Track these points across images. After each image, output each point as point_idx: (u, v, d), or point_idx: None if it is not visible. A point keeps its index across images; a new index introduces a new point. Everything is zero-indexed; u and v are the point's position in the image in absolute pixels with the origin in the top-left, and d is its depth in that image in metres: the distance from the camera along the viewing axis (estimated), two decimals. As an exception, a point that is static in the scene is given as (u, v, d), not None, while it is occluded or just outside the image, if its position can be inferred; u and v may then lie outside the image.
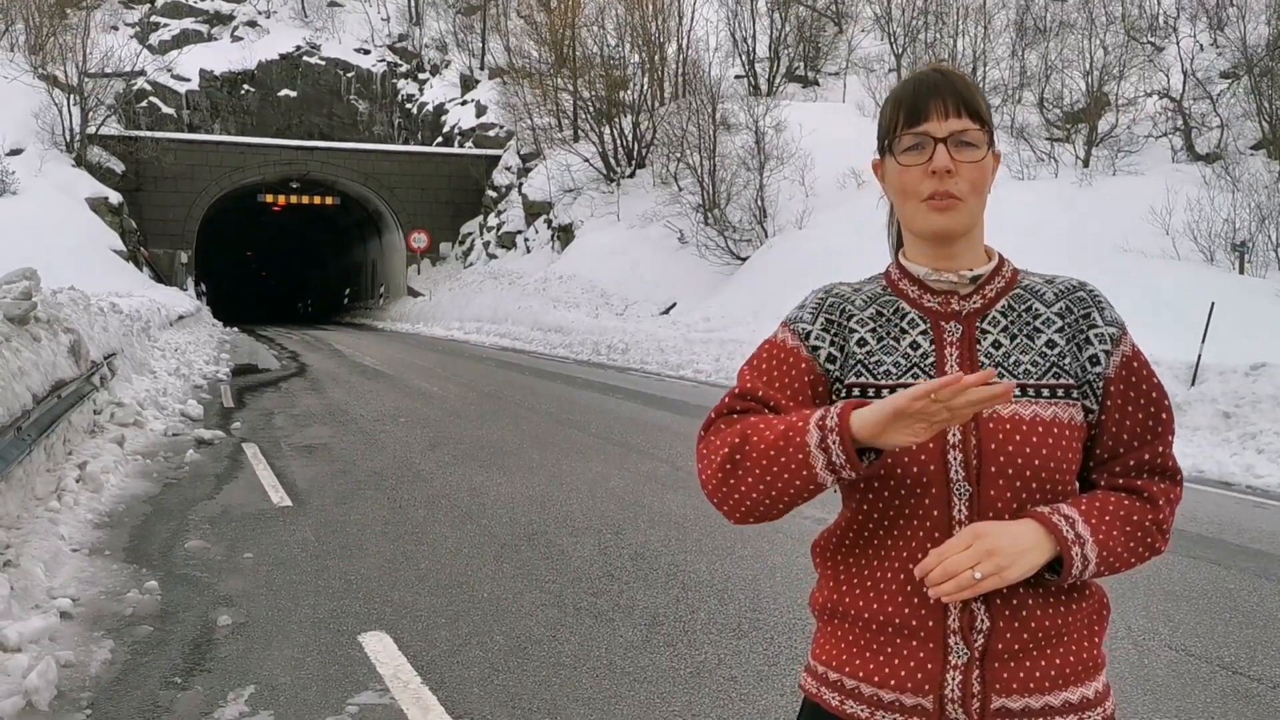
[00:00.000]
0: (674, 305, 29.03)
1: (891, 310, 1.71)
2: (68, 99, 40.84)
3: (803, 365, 1.71)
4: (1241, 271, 18.71)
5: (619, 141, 40.23)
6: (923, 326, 1.69)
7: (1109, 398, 1.66)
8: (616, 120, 40.28)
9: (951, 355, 1.66)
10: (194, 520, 7.72)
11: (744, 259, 28.61)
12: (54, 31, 44.24)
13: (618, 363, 22.70)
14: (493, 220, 46.52)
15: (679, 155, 33.76)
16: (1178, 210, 19.72)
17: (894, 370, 1.67)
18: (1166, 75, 27.58)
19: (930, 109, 1.64)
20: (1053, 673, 1.61)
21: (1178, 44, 28.48)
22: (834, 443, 1.53)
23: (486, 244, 46.29)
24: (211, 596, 5.85)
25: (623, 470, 9.49)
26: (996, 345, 1.66)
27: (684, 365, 20.44)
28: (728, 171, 31.21)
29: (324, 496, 8.56)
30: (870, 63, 38.57)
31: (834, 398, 1.70)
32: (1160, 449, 1.69)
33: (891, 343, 1.69)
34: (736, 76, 40.47)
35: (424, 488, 8.86)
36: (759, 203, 29.59)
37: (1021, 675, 1.60)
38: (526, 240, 42.72)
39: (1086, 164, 25.86)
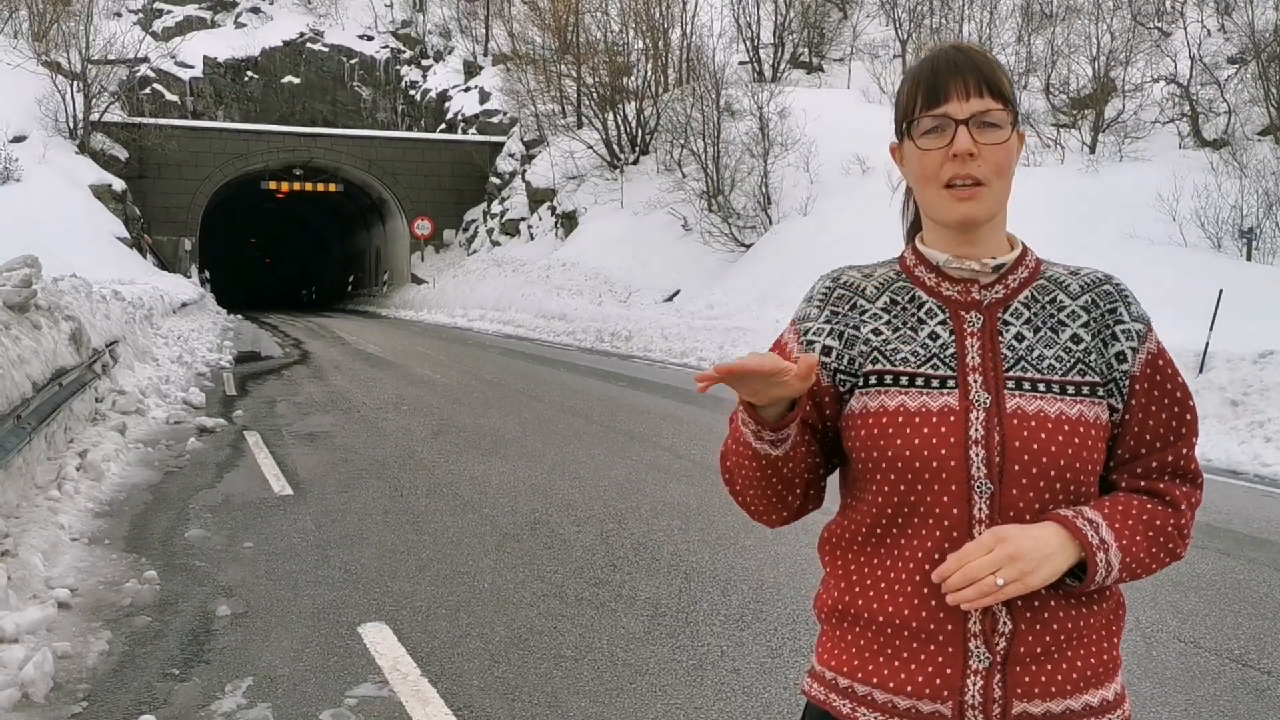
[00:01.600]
0: (678, 292, 28.96)
1: (907, 298, 1.64)
2: (71, 86, 40.75)
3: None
4: (1249, 258, 18.61)
5: (623, 128, 40.10)
6: (941, 316, 1.62)
7: (1134, 397, 1.60)
8: (620, 106, 40.15)
9: (972, 346, 1.59)
10: (194, 509, 7.69)
11: (748, 246, 28.53)
12: (57, 18, 44.10)
13: (621, 350, 22.65)
14: (496, 207, 46.43)
15: (683, 142, 33.65)
16: (1185, 197, 19.60)
17: (912, 359, 1.60)
18: (1173, 60, 27.43)
19: (950, 89, 1.57)
20: (1074, 675, 1.56)
21: (1185, 29, 28.32)
22: (739, 412, 1.59)
23: (490, 231, 46.21)
24: (211, 586, 5.81)
25: (625, 459, 9.44)
26: (1019, 338, 1.59)
27: (687, 353, 20.37)
28: (732, 158, 31.10)
29: (325, 485, 8.52)
30: (875, 48, 38.43)
31: (839, 388, 1.64)
32: (1184, 450, 1.62)
33: (909, 332, 1.62)
34: (741, 62, 40.29)
35: (426, 476, 8.82)
36: (763, 189, 29.50)
37: (1043, 679, 1.54)
38: (530, 227, 42.64)
39: (1093, 150, 25.74)
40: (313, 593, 5.68)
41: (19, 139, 37.69)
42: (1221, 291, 12.36)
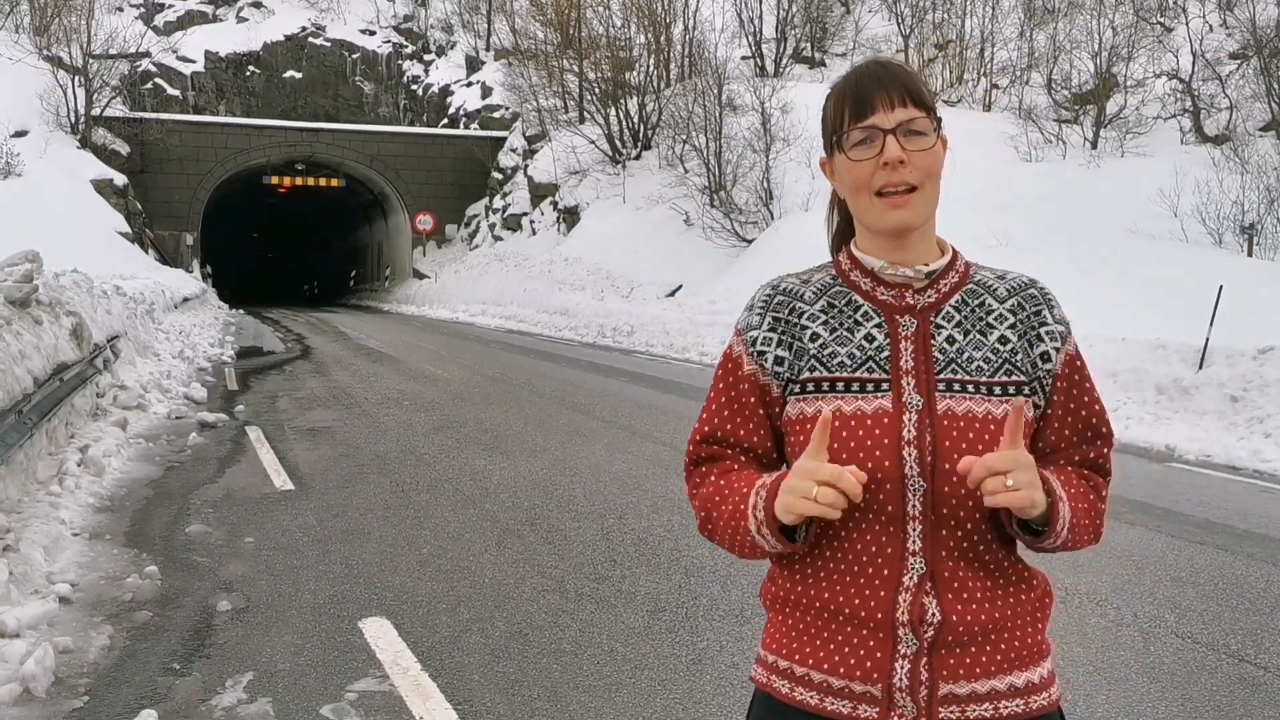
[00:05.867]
0: (679, 288, 28.95)
1: (844, 302, 1.71)
2: (72, 80, 40.73)
3: (746, 385, 1.73)
4: (1250, 254, 18.61)
5: (625, 123, 40.07)
6: (877, 320, 1.68)
7: (1056, 393, 1.70)
8: (622, 102, 40.11)
9: (907, 349, 1.66)
10: (196, 504, 7.71)
11: (750, 241, 28.52)
12: (58, 12, 44.10)
13: (623, 345, 22.66)
14: (498, 202, 46.41)
15: (685, 137, 33.62)
16: (1186, 192, 19.60)
17: (849, 362, 1.66)
18: (1175, 56, 27.43)
19: (875, 101, 1.64)
20: (999, 658, 1.64)
21: (1187, 24, 28.31)
22: (766, 535, 1.63)
23: (492, 226, 46.19)
24: (212, 581, 5.82)
25: (627, 454, 9.46)
26: (950, 341, 1.66)
27: (689, 348, 20.39)
28: (734, 153, 31.07)
29: (326, 480, 8.53)
30: (877, 43, 38.37)
31: (786, 398, 1.71)
32: (1105, 450, 1.74)
33: (845, 334, 1.68)
34: (743, 57, 40.27)
35: (427, 471, 8.83)
36: (765, 185, 29.48)
37: (968, 662, 1.62)
38: (532, 222, 42.63)
39: (1095, 146, 25.74)
40: (314, 588, 5.69)
41: (20, 134, 37.68)
42: (1222, 287, 12.35)
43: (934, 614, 1.59)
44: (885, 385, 1.64)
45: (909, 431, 1.61)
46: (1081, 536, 1.65)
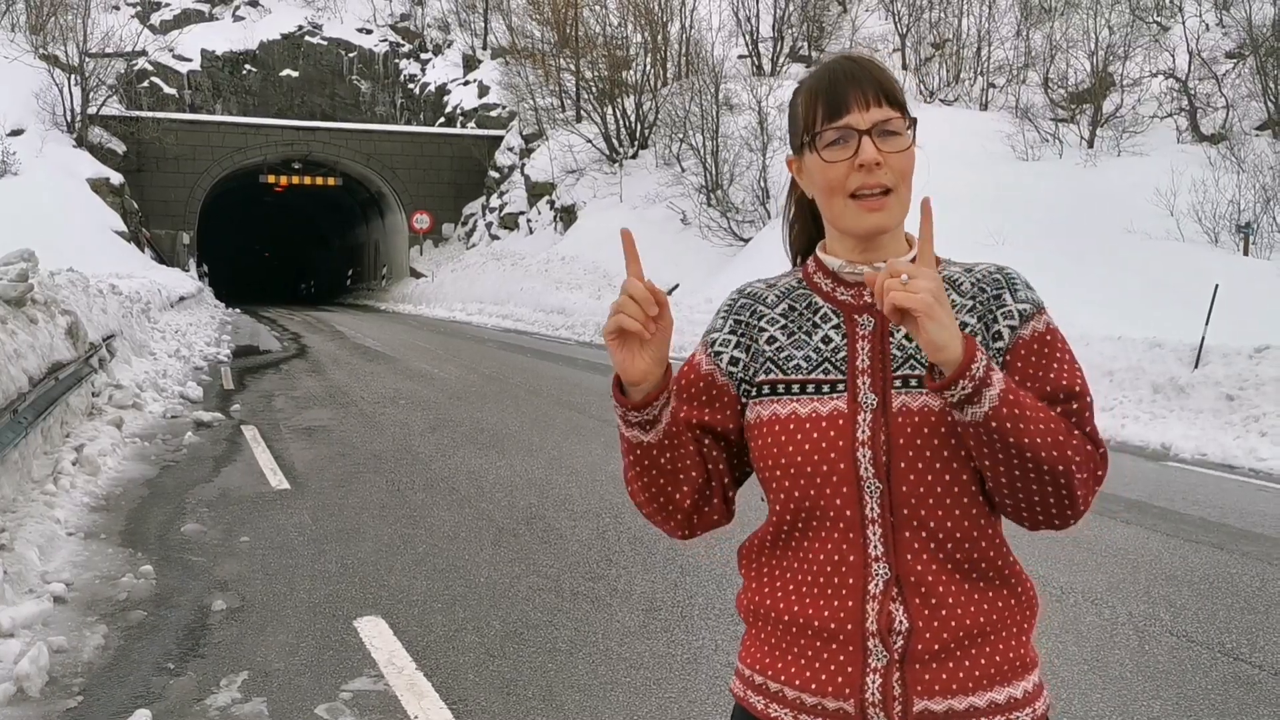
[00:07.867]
0: (676, 287, 28.92)
1: (804, 304, 1.68)
2: (69, 79, 40.62)
3: (693, 375, 1.72)
4: (1246, 253, 18.62)
5: (621, 122, 40.05)
6: (835, 320, 1.65)
7: (1008, 369, 1.58)
8: (619, 101, 40.08)
9: (863, 348, 1.61)
10: (191, 503, 7.70)
11: (746, 240, 28.51)
12: (54, 11, 44.00)
13: (619, 344, 22.63)
14: (495, 201, 46.37)
15: (682, 136, 33.62)
16: (1182, 191, 19.60)
17: (804, 365, 1.62)
18: (1172, 55, 27.45)
19: (850, 100, 1.59)
20: (977, 673, 1.56)
21: (1183, 23, 28.32)
22: (613, 401, 1.61)
23: (489, 225, 46.16)
24: (207, 581, 5.82)
25: (622, 453, 9.44)
26: (910, 337, 1.59)
27: (686, 347, 20.33)
28: (730, 152, 31.06)
29: (322, 479, 8.53)
30: (874, 42, 38.34)
31: (743, 399, 1.68)
32: (1075, 406, 1.57)
33: (803, 337, 1.65)
34: (740, 56, 40.22)
35: (423, 471, 8.83)
36: (762, 184, 29.45)
37: (944, 676, 1.55)
38: (529, 221, 42.59)
39: (1091, 145, 25.75)
40: (309, 587, 5.69)
41: (16, 132, 37.57)
42: (1218, 286, 12.35)
43: (901, 621, 1.54)
44: (841, 386, 1.59)
45: (863, 432, 1.56)
46: (1034, 437, 1.47)
